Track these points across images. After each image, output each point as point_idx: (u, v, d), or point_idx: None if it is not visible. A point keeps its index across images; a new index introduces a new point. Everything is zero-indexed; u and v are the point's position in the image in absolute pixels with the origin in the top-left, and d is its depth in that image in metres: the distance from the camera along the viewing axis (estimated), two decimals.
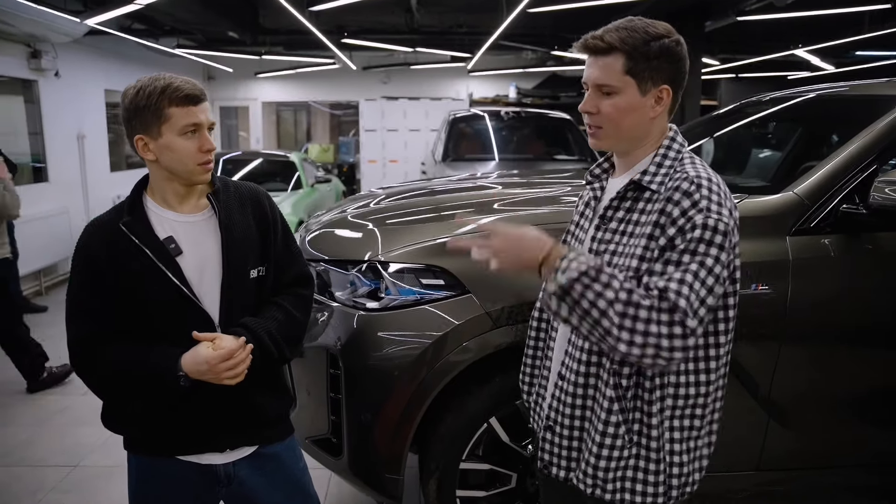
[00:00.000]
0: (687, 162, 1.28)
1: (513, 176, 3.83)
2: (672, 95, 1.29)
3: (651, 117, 1.29)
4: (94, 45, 7.56)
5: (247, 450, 1.55)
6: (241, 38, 8.13)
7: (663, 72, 1.26)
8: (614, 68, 1.25)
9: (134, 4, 4.98)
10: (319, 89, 12.86)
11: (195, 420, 1.47)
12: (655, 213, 1.23)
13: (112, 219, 1.46)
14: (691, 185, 1.20)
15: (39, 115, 6.71)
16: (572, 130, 7.54)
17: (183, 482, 1.52)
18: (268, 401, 1.55)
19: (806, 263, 1.97)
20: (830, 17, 6.62)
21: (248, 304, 1.51)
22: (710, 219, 1.17)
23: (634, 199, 1.30)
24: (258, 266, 1.53)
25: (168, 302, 1.43)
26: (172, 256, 1.43)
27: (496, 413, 2.02)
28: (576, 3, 6.16)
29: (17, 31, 5.88)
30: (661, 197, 1.24)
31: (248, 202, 1.57)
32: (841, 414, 2.14)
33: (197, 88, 1.42)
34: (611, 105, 1.27)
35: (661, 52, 1.25)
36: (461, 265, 1.98)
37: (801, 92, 2.98)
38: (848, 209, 2.00)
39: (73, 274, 1.48)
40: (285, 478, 1.61)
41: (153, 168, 1.47)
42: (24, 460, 3.23)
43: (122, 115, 1.43)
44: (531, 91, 12.54)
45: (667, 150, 1.30)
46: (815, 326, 2.03)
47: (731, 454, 2.01)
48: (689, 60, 1.32)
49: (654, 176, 1.27)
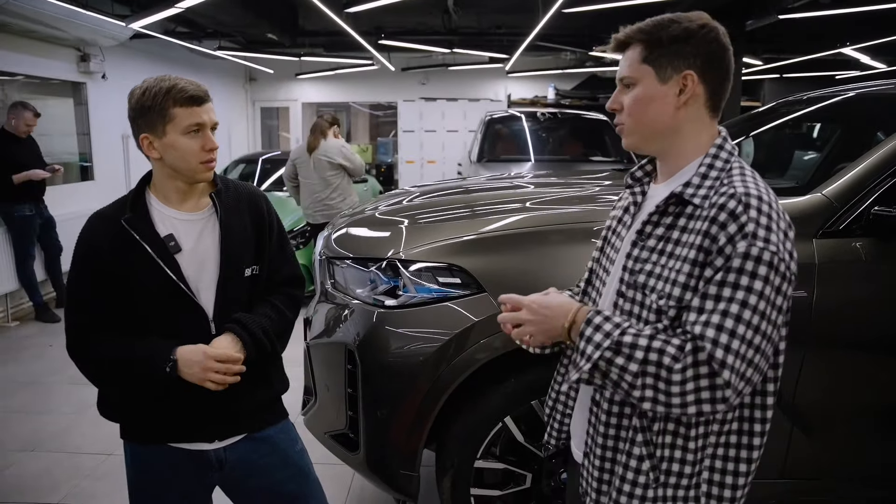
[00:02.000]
0: (736, 173, 1.14)
1: (547, 176, 3.82)
2: (701, 83, 1.16)
3: (675, 108, 1.17)
4: (140, 48, 7.81)
5: (236, 437, 1.59)
6: (280, 40, 8.28)
7: (684, 56, 1.15)
8: (633, 59, 1.19)
9: (175, 8, 5.14)
10: (358, 90, 13.01)
11: (183, 411, 1.51)
12: (699, 234, 1.09)
13: (115, 213, 1.50)
14: (738, 205, 1.07)
15: (87, 117, 6.97)
16: (609, 131, 7.46)
17: (176, 468, 1.56)
18: (255, 391, 1.58)
19: (833, 267, 1.91)
20: (880, 12, 6.38)
21: (241, 301, 1.56)
22: (755, 248, 1.04)
23: (676, 214, 1.16)
24: (252, 265, 1.57)
25: (165, 296, 1.47)
26: (172, 254, 1.48)
27: (511, 412, 2.02)
28: (611, 3, 6.08)
29: (68, 35, 6.12)
30: (704, 214, 1.10)
31: (246, 203, 1.61)
32: (867, 424, 2.07)
33: (200, 90, 1.47)
34: (631, 97, 1.20)
35: (680, 35, 1.15)
36: (478, 264, 2.00)
37: (841, 91, 2.89)
38: (879, 212, 1.93)
39: (74, 264, 1.52)
40: (281, 460, 1.64)
41: (157, 166, 1.52)
42: (62, 447, 3.37)
43: (129, 115, 1.49)
44: (570, 92, 12.42)
45: (713, 160, 1.17)
46: (842, 333, 1.97)
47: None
48: (727, 47, 1.19)
49: (698, 189, 1.14)
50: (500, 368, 1.96)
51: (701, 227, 1.10)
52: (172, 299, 1.48)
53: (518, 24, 8.31)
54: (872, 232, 1.94)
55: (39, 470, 3.13)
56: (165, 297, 1.47)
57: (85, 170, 7.09)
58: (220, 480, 1.63)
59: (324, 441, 2.21)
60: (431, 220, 2.41)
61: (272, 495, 1.65)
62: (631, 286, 1.18)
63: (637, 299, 1.17)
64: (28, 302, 5.62)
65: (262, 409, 1.63)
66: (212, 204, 1.56)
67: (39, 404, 3.89)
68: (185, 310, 1.49)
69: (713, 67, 1.17)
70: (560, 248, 2.04)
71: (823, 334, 1.92)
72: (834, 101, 2.89)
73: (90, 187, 7.00)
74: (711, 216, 1.08)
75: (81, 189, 6.87)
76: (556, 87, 12.31)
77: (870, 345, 2.00)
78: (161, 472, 1.57)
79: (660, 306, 1.12)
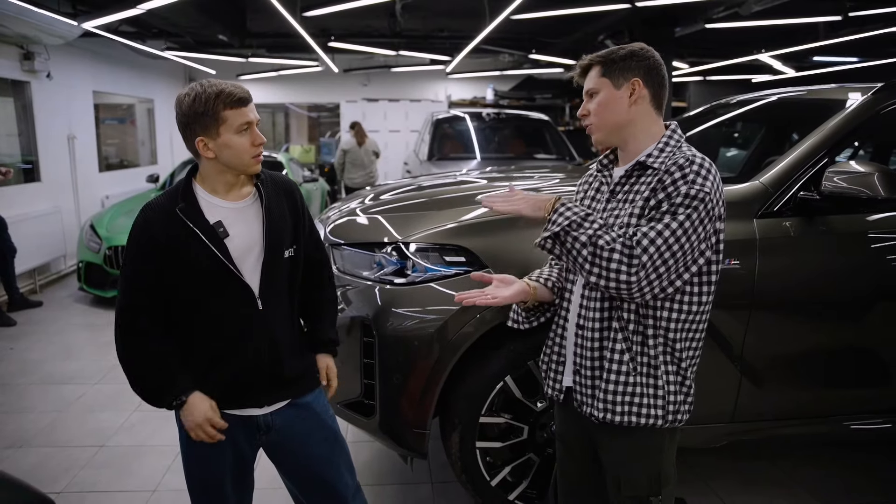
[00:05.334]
0: (685, 148, 1.58)
1: (492, 172, 4.16)
2: (645, 86, 1.58)
3: (628, 106, 1.58)
4: (84, 46, 7.63)
5: (282, 402, 1.80)
6: (230, 41, 8.29)
7: (632, 69, 1.58)
8: (594, 76, 1.63)
9: (136, 9, 5.13)
10: (300, 91, 13.04)
11: (237, 381, 1.71)
12: (653, 181, 1.52)
13: (167, 203, 1.67)
14: (685, 161, 1.49)
15: (31, 117, 6.79)
16: (550, 131, 7.85)
17: (229, 432, 1.73)
18: (296, 361, 1.80)
19: (770, 242, 2.30)
20: (790, 26, 7.08)
21: (282, 280, 1.76)
22: (693, 188, 1.46)
23: (638, 176, 1.59)
24: (290, 247, 1.78)
25: (216, 277, 1.65)
26: (221, 239, 1.66)
27: (511, 373, 2.32)
28: (556, 11, 6.49)
29: (11, 32, 5.92)
30: (658, 169, 1.53)
31: (283, 192, 1.82)
32: (800, 372, 2.47)
33: (244, 91, 1.66)
34: (595, 103, 1.62)
35: (628, 55, 1.59)
36: (478, 244, 2.29)
37: (765, 95, 3.34)
38: (804, 196, 2.34)
39: (130, 250, 1.68)
40: (318, 424, 1.86)
41: (209, 164, 1.68)
42: (51, 442, 3.40)
43: (180, 121, 1.64)
44: (508, 93, 12.86)
45: (668, 139, 1.60)
46: (779, 296, 2.35)
47: (711, 406, 2.34)
48: (660, 62, 1.62)
49: (657, 158, 1.56)
50: (501, 334, 2.23)
51: (654, 178, 1.53)
52: (222, 280, 1.66)
53: (462, 27, 8.63)
54: (799, 212, 2.35)
55: (32, 465, 3.17)
56: (216, 278, 1.65)
57: (29, 171, 6.89)
58: (265, 443, 1.83)
59: (338, 412, 2.43)
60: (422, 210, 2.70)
61: (309, 455, 1.86)
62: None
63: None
64: None
65: (302, 377, 1.84)
66: (255, 193, 1.75)
67: (15, 404, 3.89)
68: (234, 289, 1.68)
69: (652, 75, 1.61)
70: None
71: (764, 297, 2.30)
72: (759, 104, 3.34)
73: (37, 188, 6.82)
74: (664, 169, 1.52)
75: (28, 190, 6.68)
76: (495, 87, 12.74)
77: (799, 305, 2.41)
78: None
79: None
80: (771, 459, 3.18)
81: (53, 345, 4.91)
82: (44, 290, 6.61)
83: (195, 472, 1.81)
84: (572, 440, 1.81)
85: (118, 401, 3.90)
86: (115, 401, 3.90)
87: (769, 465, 3.13)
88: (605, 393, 1.61)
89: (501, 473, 2.43)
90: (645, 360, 1.59)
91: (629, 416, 1.60)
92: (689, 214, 1.45)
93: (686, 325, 1.59)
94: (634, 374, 1.59)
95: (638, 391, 1.59)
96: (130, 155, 10.10)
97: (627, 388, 1.59)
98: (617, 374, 1.60)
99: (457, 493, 2.84)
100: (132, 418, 3.67)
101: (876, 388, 2.57)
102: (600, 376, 1.63)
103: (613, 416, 1.61)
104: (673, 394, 1.61)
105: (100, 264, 5.87)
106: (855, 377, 2.55)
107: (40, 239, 6.47)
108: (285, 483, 1.96)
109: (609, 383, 1.60)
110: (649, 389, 1.59)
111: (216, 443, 1.72)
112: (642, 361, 1.59)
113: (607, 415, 1.62)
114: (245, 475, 1.87)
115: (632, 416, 1.60)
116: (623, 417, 1.60)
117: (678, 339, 1.59)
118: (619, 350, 1.59)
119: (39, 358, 4.61)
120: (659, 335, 1.58)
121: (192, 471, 1.81)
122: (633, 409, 1.59)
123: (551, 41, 9.09)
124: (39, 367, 4.47)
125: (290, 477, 1.91)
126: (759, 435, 2.52)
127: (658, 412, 1.60)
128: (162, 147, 10.60)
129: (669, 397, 1.60)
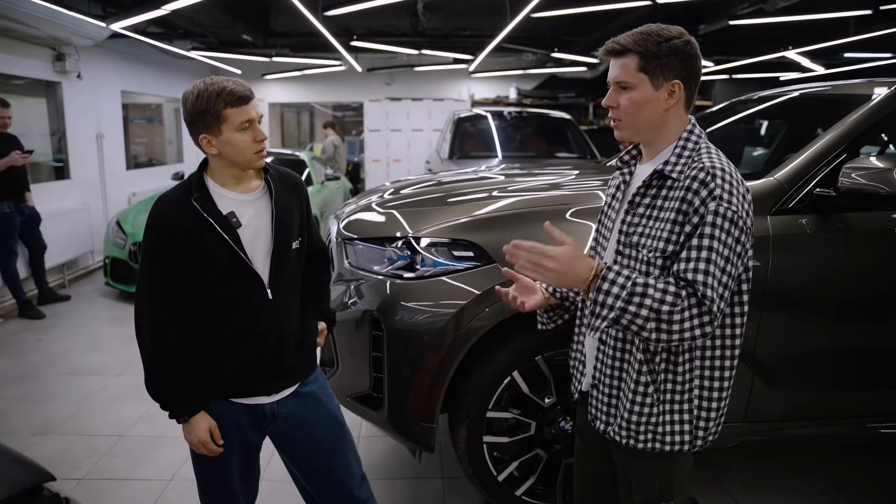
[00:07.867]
0: (703, 152, 1.45)
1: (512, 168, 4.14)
2: (684, 89, 1.45)
3: (664, 109, 1.45)
4: (112, 47, 7.80)
5: (288, 390, 1.84)
6: (253, 41, 8.40)
7: (674, 68, 1.43)
8: (629, 67, 1.44)
9: (161, 10, 5.23)
10: (324, 90, 13.14)
11: (244, 371, 1.75)
12: (677, 199, 1.40)
13: (181, 195, 1.71)
14: (707, 176, 1.37)
15: (62, 116, 6.97)
16: (572, 129, 7.82)
17: (237, 421, 1.79)
18: (298, 348, 1.84)
19: (784, 239, 2.26)
20: (819, 21, 6.92)
21: (289, 268, 1.80)
22: (722, 206, 1.34)
23: (659, 186, 1.47)
24: (297, 239, 1.82)
25: (228, 265, 1.69)
26: (234, 228, 1.70)
27: (518, 368, 2.32)
28: (577, 9, 6.45)
29: (44, 34, 6.10)
30: (681, 184, 1.40)
31: (290, 185, 1.86)
32: (812, 371, 2.42)
33: (246, 89, 1.68)
34: (628, 99, 1.46)
35: (671, 51, 1.42)
36: (487, 239, 2.30)
37: (787, 91, 3.28)
38: (821, 192, 2.29)
39: (147, 242, 1.72)
40: (322, 413, 1.90)
41: (215, 160, 1.73)
42: (74, 431, 3.52)
43: (186, 119, 1.69)
44: (531, 92, 12.81)
45: (685, 142, 1.48)
46: (792, 295, 2.31)
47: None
48: (700, 58, 1.48)
49: (675, 166, 1.45)
50: (509, 328, 2.24)
51: (678, 195, 1.40)
52: (235, 269, 1.69)
53: (483, 26, 8.63)
54: (815, 209, 2.30)
55: (56, 451, 3.28)
56: (229, 267, 1.69)
57: (59, 169, 7.07)
58: (271, 432, 1.87)
59: (346, 405, 2.46)
60: (428, 206, 2.70)
61: (314, 443, 1.90)
62: (626, 245, 1.51)
63: (632, 255, 1.50)
64: (11, 299, 5.66)
65: (305, 361, 1.89)
66: (263, 186, 1.79)
67: (42, 394, 4.02)
68: (245, 279, 1.71)
69: (693, 76, 1.48)
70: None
71: (777, 296, 2.26)
72: (781, 100, 3.28)
73: (67, 186, 6.99)
74: (686, 185, 1.39)
75: (58, 188, 6.87)
76: (518, 86, 12.70)
77: (814, 304, 2.36)
78: (223, 425, 1.78)
79: (649, 258, 1.45)
80: (785, 461, 3.13)
81: (79, 337, 5.04)
82: (72, 284, 6.78)
83: (204, 465, 1.85)
84: (590, 436, 1.74)
85: (139, 392, 3.94)
86: (135, 392, 3.99)
87: (783, 467, 3.09)
88: (628, 413, 1.53)
89: (509, 469, 2.43)
90: (670, 386, 1.50)
91: (653, 444, 1.53)
92: (725, 240, 1.35)
93: (727, 347, 1.51)
94: (658, 403, 1.51)
95: (666, 418, 1.51)
96: (158, 153, 10.30)
97: (651, 419, 1.51)
98: (641, 406, 1.51)
99: (467, 489, 2.85)
100: (151, 409, 3.75)
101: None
102: (617, 395, 1.57)
103: (636, 442, 1.54)
104: (703, 419, 1.52)
105: (125, 260, 6.00)
106: (875, 378, 2.49)
107: (69, 235, 6.64)
108: (291, 473, 1.99)
109: (634, 404, 1.52)
110: (675, 416, 1.51)
111: (224, 435, 1.77)
112: (667, 388, 1.51)
113: (630, 441, 1.55)
114: (251, 465, 1.91)
115: (656, 442, 1.53)
116: (647, 445, 1.53)
117: (716, 365, 1.50)
118: (644, 383, 1.51)
119: (65, 349, 4.74)
120: (695, 358, 1.50)
121: (201, 464, 1.86)
122: (657, 436, 1.52)
123: (573, 39, 9.04)
124: (65, 358, 4.60)
125: (297, 465, 1.95)
126: (772, 435, 2.48)
127: (685, 437, 1.52)
128: (188, 145, 10.78)
129: (699, 423, 1.52)
